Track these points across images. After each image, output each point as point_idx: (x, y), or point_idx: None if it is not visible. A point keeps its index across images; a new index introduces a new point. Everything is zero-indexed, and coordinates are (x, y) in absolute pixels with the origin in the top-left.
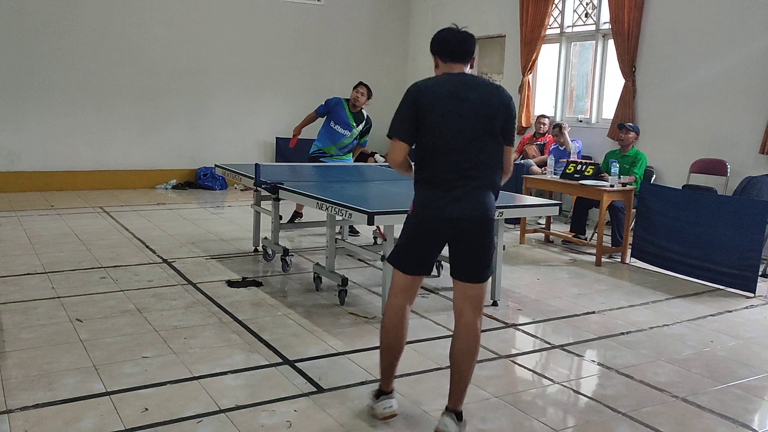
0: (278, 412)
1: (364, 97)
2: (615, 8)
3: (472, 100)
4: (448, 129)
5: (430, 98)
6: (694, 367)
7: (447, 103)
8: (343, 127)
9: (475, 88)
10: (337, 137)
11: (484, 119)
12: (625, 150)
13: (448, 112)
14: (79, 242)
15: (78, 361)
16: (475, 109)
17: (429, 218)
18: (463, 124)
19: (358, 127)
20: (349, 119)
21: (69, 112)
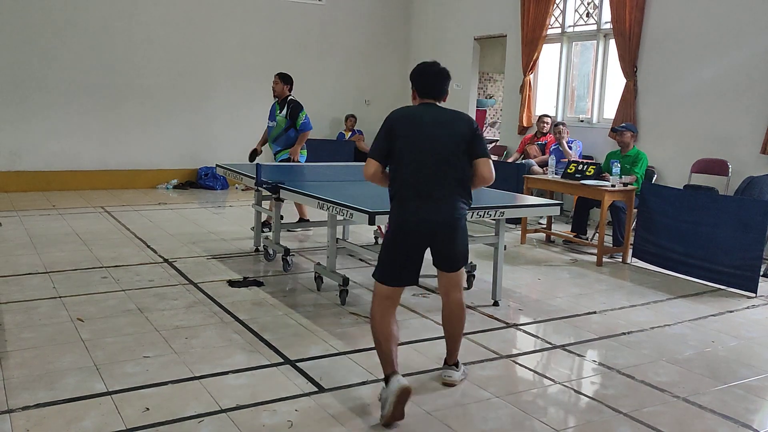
0: (279, 411)
1: (277, 84)
2: (616, 8)
3: (439, 126)
4: (419, 152)
5: (404, 126)
6: (696, 367)
7: (418, 130)
8: (271, 120)
9: (442, 116)
10: (268, 131)
11: (450, 141)
12: (625, 150)
13: (419, 138)
14: (80, 242)
15: (79, 360)
16: (442, 134)
17: (406, 230)
18: (431, 147)
19: (282, 113)
20: (276, 109)
21: (70, 112)
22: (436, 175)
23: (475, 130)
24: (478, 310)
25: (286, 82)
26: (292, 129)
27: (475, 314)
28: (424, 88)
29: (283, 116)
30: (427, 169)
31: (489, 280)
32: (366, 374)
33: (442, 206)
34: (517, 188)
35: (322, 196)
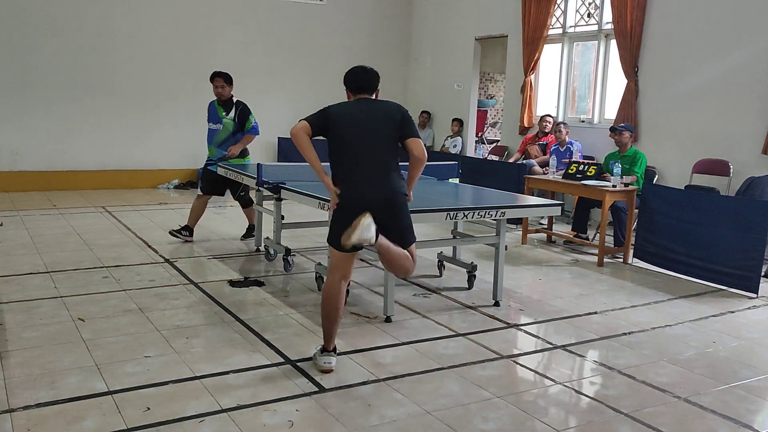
0: (280, 411)
1: (224, 88)
2: (617, 8)
3: (371, 113)
4: (361, 139)
5: (339, 116)
6: (697, 367)
7: (352, 118)
8: (214, 122)
9: (374, 105)
10: (212, 135)
11: (384, 127)
12: (623, 150)
13: (354, 124)
14: (81, 242)
15: (80, 360)
16: (374, 119)
17: (350, 204)
18: (372, 133)
19: (229, 115)
20: (219, 112)
21: (71, 112)
22: (377, 158)
23: (404, 114)
24: (479, 310)
25: (231, 83)
26: (240, 132)
27: (476, 314)
28: (357, 86)
29: (230, 119)
30: (370, 154)
31: (490, 281)
32: (367, 374)
33: (382, 183)
34: (518, 188)
35: (323, 196)
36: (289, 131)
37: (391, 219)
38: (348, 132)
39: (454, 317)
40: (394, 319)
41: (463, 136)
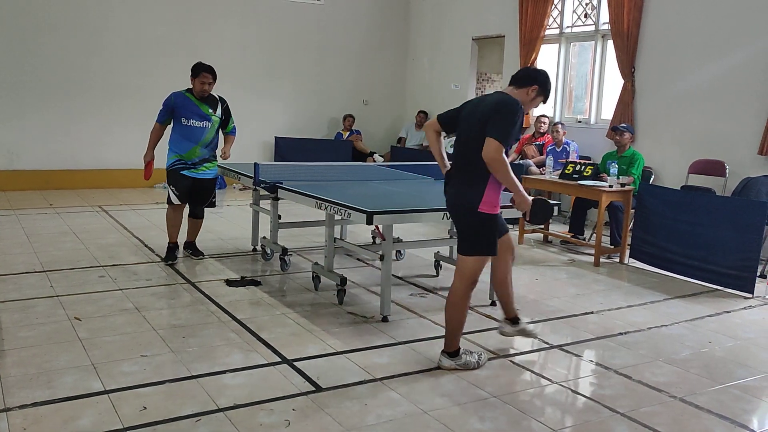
0: (277, 411)
1: (211, 85)
2: (614, 9)
3: (475, 108)
4: (458, 134)
5: (461, 110)
6: (693, 367)
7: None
8: (200, 120)
9: (485, 99)
10: (199, 133)
11: (473, 122)
12: (621, 151)
13: (461, 120)
14: (77, 241)
15: (76, 359)
16: (471, 115)
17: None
18: (461, 129)
19: (217, 113)
20: (203, 109)
21: (68, 111)
22: (459, 159)
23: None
24: (475, 310)
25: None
26: (218, 129)
27: (472, 314)
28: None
29: (218, 116)
30: (457, 155)
31: (486, 280)
32: (363, 374)
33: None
34: None
35: (320, 196)
36: (288, 130)
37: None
38: (458, 129)
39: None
40: (391, 318)
41: None
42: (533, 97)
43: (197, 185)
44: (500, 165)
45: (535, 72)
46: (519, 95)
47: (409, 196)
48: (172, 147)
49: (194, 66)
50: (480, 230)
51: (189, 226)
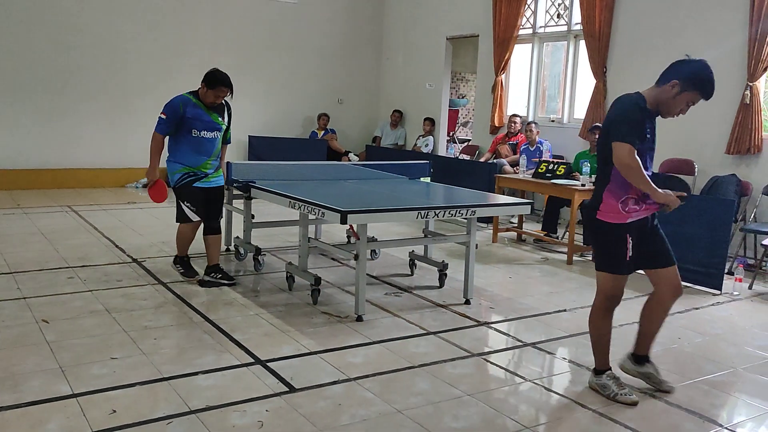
0: (250, 412)
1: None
2: (586, 9)
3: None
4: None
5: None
6: (662, 363)
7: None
8: (211, 131)
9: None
10: (210, 146)
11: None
12: (594, 150)
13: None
14: (46, 242)
15: (44, 362)
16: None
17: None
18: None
19: (224, 120)
20: (213, 118)
21: (37, 109)
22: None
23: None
24: (450, 309)
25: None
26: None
27: (447, 313)
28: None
29: (225, 123)
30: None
31: (461, 279)
32: (337, 373)
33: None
34: (488, 187)
35: (293, 195)
36: (262, 128)
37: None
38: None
39: (425, 316)
40: (366, 318)
41: (435, 135)
42: (676, 93)
43: (211, 196)
44: (628, 169)
45: (679, 64)
46: (659, 93)
47: (383, 195)
48: (180, 160)
49: (210, 75)
50: (602, 241)
51: (210, 245)
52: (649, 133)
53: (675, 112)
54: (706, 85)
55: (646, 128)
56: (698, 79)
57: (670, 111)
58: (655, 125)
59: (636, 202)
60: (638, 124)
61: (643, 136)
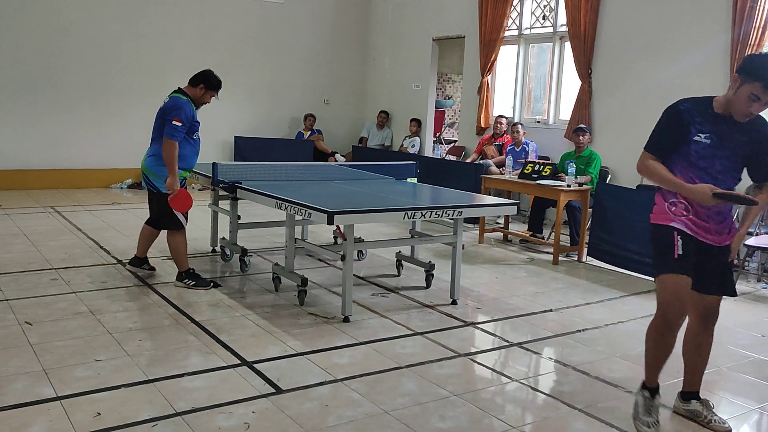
0: (236, 413)
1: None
2: (571, 11)
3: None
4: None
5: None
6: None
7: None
8: (197, 131)
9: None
10: (198, 147)
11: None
12: (579, 151)
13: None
14: (28, 243)
15: (27, 365)
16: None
17: None
18: None
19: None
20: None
21: (19, 109)
22: None
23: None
24: (436, 309)
25: None
26: None
27: (433, 313)
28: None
29: None
30: None
31: (447, 279)
32: (324, 374)
33: None
34: (475, 188)
35: (280, 196)
36: (248, 129)
37: None
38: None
39: (412, 316)
40: (353, 319)
41: (421, 136)
42: (737, 87)
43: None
44: (646, 173)
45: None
46: (728, 92)
47: (370, 196)
48: (182, 165)
49: (212, 77)
50: (653, 244)
51: (148, 237)
52: (709, 138)
53: (743, 110)
54: (762, 71)
55: (692, 132)
56: (754, 66)
57: (736, 109)
58: (727, 129)
59: (686, 208)
60: (667, 131)
61: (678, 142)
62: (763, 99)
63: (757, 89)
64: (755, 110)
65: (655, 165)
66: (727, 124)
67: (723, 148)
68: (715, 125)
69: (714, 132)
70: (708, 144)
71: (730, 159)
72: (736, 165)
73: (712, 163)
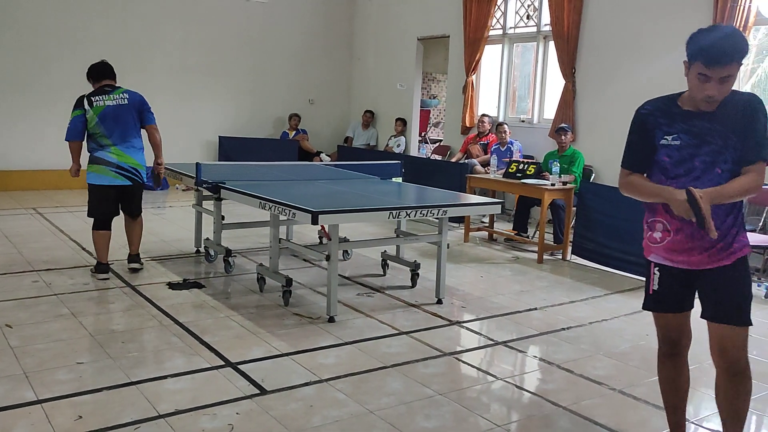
0: (220, 415)
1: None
2: (555, 11)
3: None
4: None
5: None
6: (631, 360)
7: None
8: None
9: None
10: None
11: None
12: (563, 150)
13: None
14: (9, 245)
15: (7, 368)
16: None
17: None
18: None
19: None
20: None
21: (0, 110)
22: None
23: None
24: (422, 308)
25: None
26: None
27: (419, 312)
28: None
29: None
30: None
31: (433, 279)
32: (309, 375)
33: None
34: (460, 187)
35: (264, 196)
36: (231, 129)
37: None
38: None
39: (397, 316)
40: (338, 319)
41: (407, 135)
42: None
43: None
44: (629, 192)
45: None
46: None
47: (355, 195)
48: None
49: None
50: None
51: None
52: (679, 138)
53: (700, 95)
54: (700, 48)
55: (657, 136)
56: (692, 44)
57: (694, 96)
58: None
59: (664, 228)
60: (634, 141)
61: (650, 150)
62: (712, 76)
63: (701, 68)
64: (710, 91)
65: (634, 179)
66: (700, 117)
67: (702, 145)
68: (685, 123)
69: (686, 131)
70: (679, 146)
71: (714, 155)
72: (725, 158)
73: (692, 167)
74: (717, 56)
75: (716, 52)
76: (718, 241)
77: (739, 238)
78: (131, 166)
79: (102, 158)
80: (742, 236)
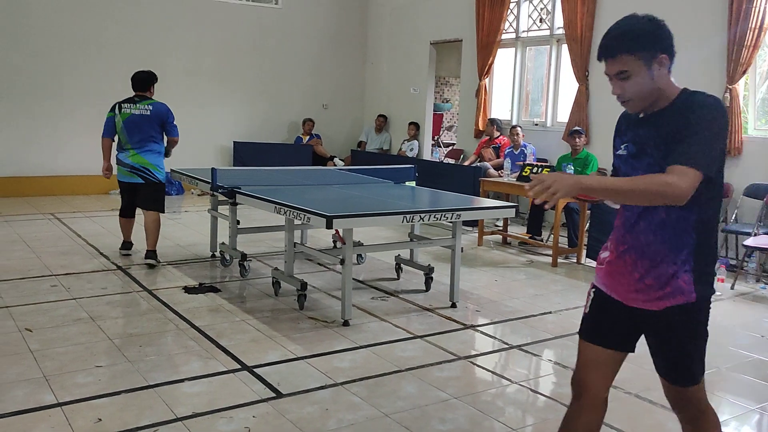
0: (236, 418)
1: None
2: (568, 14)
3: None
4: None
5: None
6: (646, 363)
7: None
8: None
9: None
10: None
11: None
12: (575, 153)
13: None
14: (28, 249)
15: (27, 372)
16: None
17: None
18: None
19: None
20: None
21: (18, 116)
22: None
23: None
24: (436, 312)
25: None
26: None
27: (433, 316)
28: None
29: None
30: None
31: (447, 282)
32: (324, 378)
33: None
34: (473, 191)
35: (279, 201)
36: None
37: None
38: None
39: (411, 319)
40: (352, 322)
41: (420, 139)
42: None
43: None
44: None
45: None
46: None
47: (369, 199)
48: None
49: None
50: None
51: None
52: (627, 148)
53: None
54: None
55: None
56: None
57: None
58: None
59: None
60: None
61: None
62: (609, 73)
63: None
64: (617, 91)
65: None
66: (645, 124)
67: (642, 157)
68: (634, 130)
69: (632, 140)
70: (625, 156)
71: (652, 167)
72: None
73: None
74: (601, 50)
75: (601, 46)
76: (646, 275)
77: (679, 282)
78: (143, 166)
79: (121, 160)
80: (684, 281)
